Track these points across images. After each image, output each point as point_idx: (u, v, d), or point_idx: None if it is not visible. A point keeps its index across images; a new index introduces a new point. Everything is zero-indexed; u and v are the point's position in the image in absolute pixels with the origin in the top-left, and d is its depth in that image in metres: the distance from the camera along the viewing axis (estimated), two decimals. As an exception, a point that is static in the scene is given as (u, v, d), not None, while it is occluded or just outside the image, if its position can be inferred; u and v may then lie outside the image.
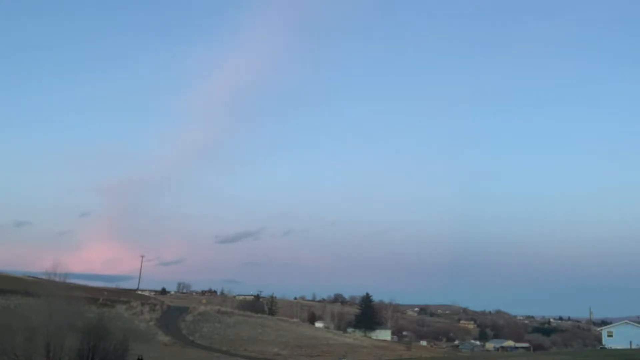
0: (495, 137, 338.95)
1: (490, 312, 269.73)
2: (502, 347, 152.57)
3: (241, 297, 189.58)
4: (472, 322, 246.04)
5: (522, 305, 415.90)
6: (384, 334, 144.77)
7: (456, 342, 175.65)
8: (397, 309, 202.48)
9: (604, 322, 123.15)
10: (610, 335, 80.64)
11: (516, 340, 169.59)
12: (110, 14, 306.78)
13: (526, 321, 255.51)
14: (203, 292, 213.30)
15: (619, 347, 67.65)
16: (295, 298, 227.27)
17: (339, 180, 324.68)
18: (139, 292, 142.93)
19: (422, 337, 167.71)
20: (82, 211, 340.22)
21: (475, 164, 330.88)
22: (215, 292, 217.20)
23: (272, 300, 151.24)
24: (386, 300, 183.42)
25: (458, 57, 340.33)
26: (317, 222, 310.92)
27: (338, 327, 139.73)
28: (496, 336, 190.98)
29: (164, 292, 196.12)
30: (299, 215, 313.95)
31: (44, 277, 32.79)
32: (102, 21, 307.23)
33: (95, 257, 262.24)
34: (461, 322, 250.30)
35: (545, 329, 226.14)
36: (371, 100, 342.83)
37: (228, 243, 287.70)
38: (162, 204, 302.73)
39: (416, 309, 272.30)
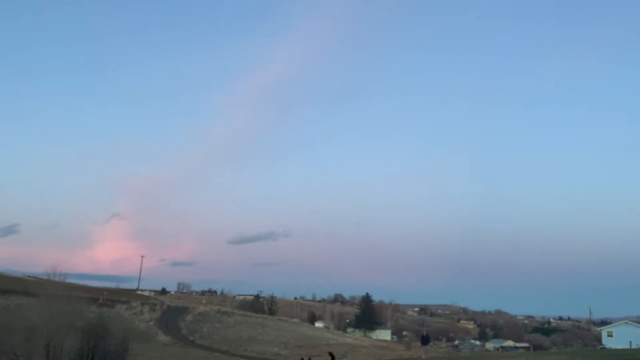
0: (496, 138, 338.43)
1: (490, 312, 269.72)
2: (502, 347, 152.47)
3: (241, 297, 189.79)
4: (472, 322, 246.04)
5: (522, 305, 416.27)
6: (384, 334, 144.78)
7: (456, 342, 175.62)
8: (397, 309, 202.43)
9: (604, 322, 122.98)
10: (610, 335, 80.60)
11: (516, 340, 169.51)
12: (144, 7, 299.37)
13: (526, 321, 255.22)
14: (203, 292, 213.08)
15: (618, 347, 67.53)
16: (295, 298, 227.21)
17: (349, 181, 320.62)
18: (139, 292, 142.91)
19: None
20: (112, 212, 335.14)
21: (476, 164, 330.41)
22: (215, 292, 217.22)
23: (272, 300, 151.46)
24: (386, 300, 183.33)
25: (479, 60, 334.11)
26: (320, 223, 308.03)
27: (338, 327, 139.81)
28: (496, 336, 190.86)
29: (163, 292, 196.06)
30: (302, 217, 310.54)
31: (44, 277, 32.84)
32: (135, 15, 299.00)
33: (108, 257, 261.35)
34: (461, 322, 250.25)
35: (545, 329, 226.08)
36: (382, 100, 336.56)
37: (239, 244, 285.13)
38: (181, 203, 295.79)
39: (416, 309, 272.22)
